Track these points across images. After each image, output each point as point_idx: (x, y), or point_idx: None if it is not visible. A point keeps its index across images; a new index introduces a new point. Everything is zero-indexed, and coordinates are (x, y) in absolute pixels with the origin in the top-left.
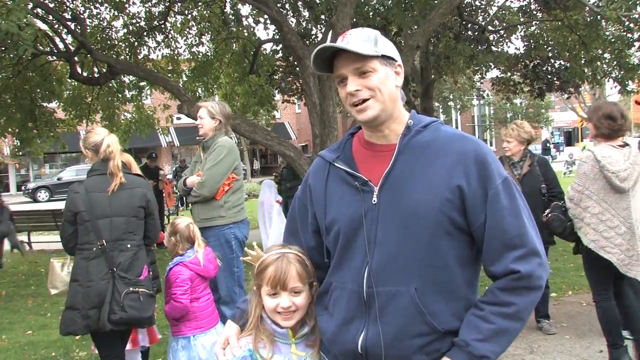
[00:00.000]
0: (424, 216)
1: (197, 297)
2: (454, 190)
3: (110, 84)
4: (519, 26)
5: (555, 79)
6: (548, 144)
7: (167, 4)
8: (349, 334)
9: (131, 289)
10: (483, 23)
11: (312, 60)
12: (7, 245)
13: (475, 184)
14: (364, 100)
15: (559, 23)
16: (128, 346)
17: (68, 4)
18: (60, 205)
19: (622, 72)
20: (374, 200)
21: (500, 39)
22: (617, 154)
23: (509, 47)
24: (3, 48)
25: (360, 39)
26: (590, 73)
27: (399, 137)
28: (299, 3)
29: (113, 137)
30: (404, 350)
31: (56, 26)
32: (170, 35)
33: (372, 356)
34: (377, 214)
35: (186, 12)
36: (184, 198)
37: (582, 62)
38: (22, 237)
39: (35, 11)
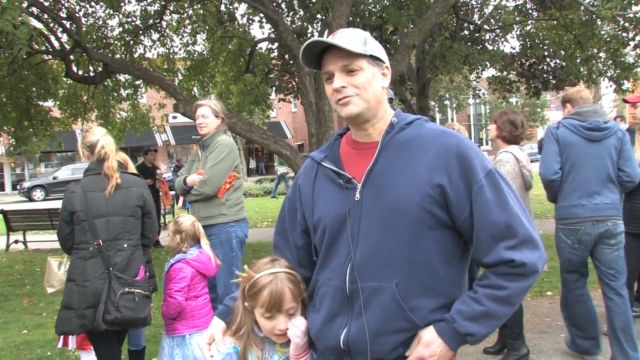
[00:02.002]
0: (405, 211)
1: (195, 296)
2: (435, 187)
3: (106, 83)
4: (514, 25)
5: (551, 77)
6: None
7: (162, 3)
8: (333, 329)
9: (127, 289)
10: (479, 22)
11: (301, 54)
12: (2, 244)
13: (458, 179)
14: (349, 97)
15: (555, 22)
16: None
17: (63, 2)
18: (56, 204)
19: (617, 71)
20: (357, 197)
21: (496, 38)
22: (523, 155)
23: (504, 46)
24: None
25: (351, 38)
26: (585, 72)
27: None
28: (295, 2)
29: (109, 138)
30: (385, 346)
31: (51, 25)
32: (165, 34)
33: (354, 351)
34: (360, 211)
35: (181, 10)
36: (178, 197)
37: (578, 61)
38: (18, 236)
39: (30, 10)
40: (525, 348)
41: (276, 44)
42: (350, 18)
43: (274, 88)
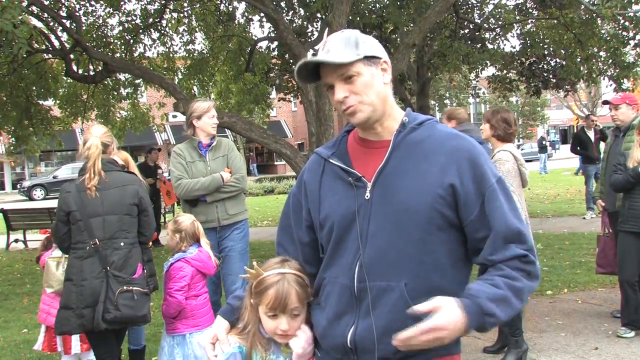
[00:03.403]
0: (416, 212)
1: (195, 295)
2: (447, 188)
3: (106, 82)
4: (514, 24)
5: (551, 76)
6: (544, 142)
7: (162, 2)
8: (339, 328)
9: (125, 287)
10: (479, 21)
11: (296, 75)
12: (2, 244)
13: (469, 182)
14: (353, 106)
15: (555, 21)
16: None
17: (63, 1)
18: (56, 203)
19: (617, 70)
20: (367, 196)
21: (496, 37)
22: (519, 153)
23: (504, 45)
24: None
25: (341, 45)
26: (585, 71)
27: (394, 133)
28: (294, 1)
29: (96, 141)
30: (392, 345)
31: (51, 24)
32: (165, 33)
33: (361, 350)
34: (370, 210)
35: (179, 9)
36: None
37: (578, 60)
38: (18, 235)
39: (30, 9)
40: (525, 344)
41: (276, 43)
42: (350, 17)
43: (273, 87)
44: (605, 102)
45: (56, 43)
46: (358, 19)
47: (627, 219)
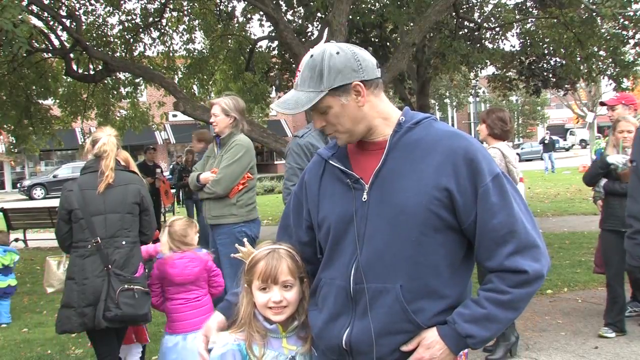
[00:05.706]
0: (412, 214)
1: (170, 297)
2: (442, 190)
3: (106, 81)
4: (514, 23)
5: (551, 76)
6: (546, 140)
7: (162, 1)
8: (335, 329)
9: (126, 286)
10: (479, 20)
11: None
12: None
13: (465, 183)
14: (331, 134)
15: (555, 20)
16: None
17: (63, 0)
18: (56, 202)
19: (617, 69)
20: (364, 198)
21: (496, 36)
22: (512, 152)
23: (504, 44)
24: None
25: (307, 77)
26: (585, 70)
27: (390, 134)
28: (294, 0)
29: (112, 139)
30: (387, 347)
31: (51, 23)
32: (165, 32)
33: (356, 352)
34: (367, 211)
35: (179, 8)
36: (182, 196)
37: (578, 59)
38: (18, 234)
39: (30, 8)
40: (513, 336)
41: (276, 42)
42: (350, 16)
43: (273, 87)
44: (602, 104)
45: (56, 42)
46: (358, 18)
47: (607, 217)
